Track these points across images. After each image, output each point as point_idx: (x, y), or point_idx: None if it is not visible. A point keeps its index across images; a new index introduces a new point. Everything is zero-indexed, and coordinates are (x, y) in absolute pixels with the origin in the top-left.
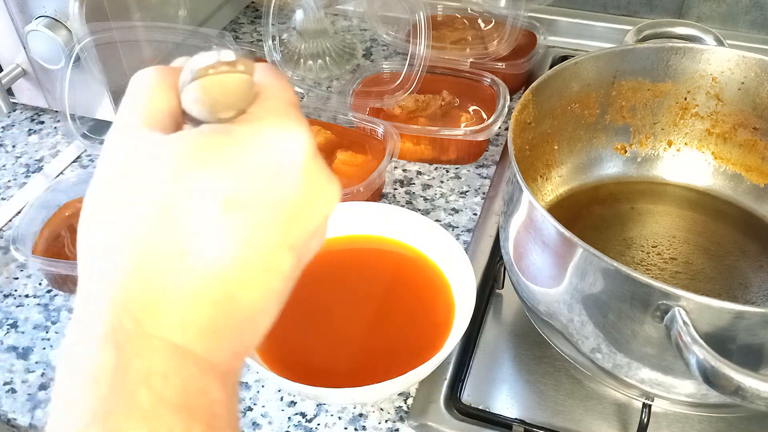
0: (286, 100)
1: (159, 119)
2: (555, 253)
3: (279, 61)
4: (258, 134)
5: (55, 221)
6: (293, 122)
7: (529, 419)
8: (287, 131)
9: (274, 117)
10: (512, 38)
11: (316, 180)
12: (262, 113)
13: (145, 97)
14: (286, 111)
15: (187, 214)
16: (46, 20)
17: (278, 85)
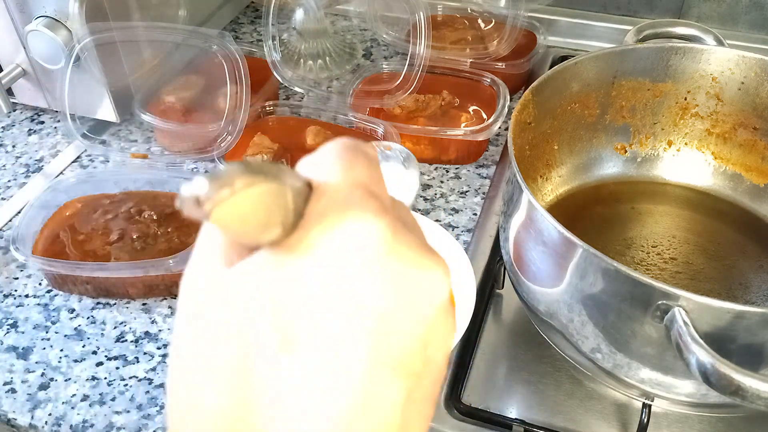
0: (347, 184)
1: (227, 253)
2: (555, 253)
3: (279, 61)
4: (312, 245)
5: (55, 221)
6: (355, 212)
7: (529, 419)
8: (347, 228)
9: (330, 217)
10: (512, 38)
11: (404, 269)
12: (315, 216)
13: (214, 236)
14: (346, 201)
15: (254, 374)
16: (46, 20)
17: (336, 167)
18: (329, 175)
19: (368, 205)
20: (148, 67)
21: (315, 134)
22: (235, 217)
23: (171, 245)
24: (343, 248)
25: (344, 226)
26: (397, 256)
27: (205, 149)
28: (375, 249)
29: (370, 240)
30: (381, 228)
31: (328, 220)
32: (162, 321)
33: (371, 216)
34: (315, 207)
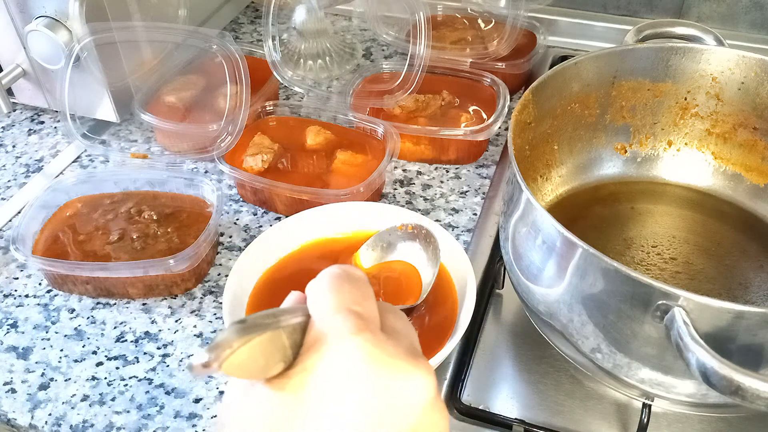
0: (331, 311)
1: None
2: (555, 253)
3: (279, 61)
4: (303, 380)
5: (55, 221)
6: (335, 337)
7: (529, 419)
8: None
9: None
10: (512, 38)
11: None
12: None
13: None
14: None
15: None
16: (46, 20)
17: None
18: (318, 305)
19: (347, 325)
20: (148, 67)
21: (315, 134)
22: (238, 368)
23: (171, 245)
24: (329, 373)
25: (328, 352)
26: (377, 367)
27: (205, 149)
28: (355, 365)
29: (350, 358)
30: (359, 344)
31: (316, 350)
32: (162, 321)
33: (349, 335)
34: (307, 339)
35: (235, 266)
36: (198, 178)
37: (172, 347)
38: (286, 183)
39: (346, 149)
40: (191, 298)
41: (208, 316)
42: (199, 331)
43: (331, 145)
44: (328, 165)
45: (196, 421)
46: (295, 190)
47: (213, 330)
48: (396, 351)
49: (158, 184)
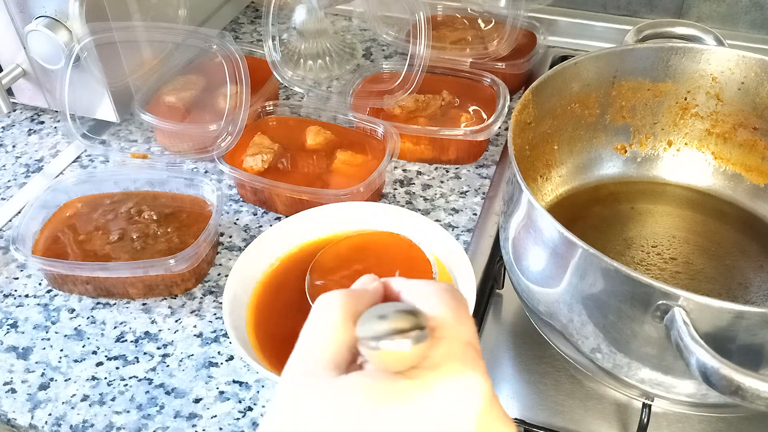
0: (462, 339)
1: (338, 357)
2: (555, 253)
3: (279, 61)
4: (429, 386)
5: (55, 221)
6: (469, 369)
7: (529, 419)
8: (462, 381)
9: (448, 364)
10: (512, 38)
11: (493, 427)
12: (435, 360)
13: (328, 336)
14: (462, 354)
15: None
16: (46, 20)
17: (455, 319)
18: (449, 324)
19: (480, 366)
20: (148, 67)
21: (315, 134)
22: (398, 361)
23: (171, 245)
24: (454, 399)
25: (461, 380)
26: (492, 419)
27: (205, 149)
28: (480, 408)
29: (478, 399)
30: (487, 390)
31: (448, 371)
32: (162, 321)
33: (482, 378)
34: (434, 351)
35: (235, 266)
36: (198, 178)
37: (172, 347)
38: (286, 183)
39: (346, 149)
40: (191, 298)
41: (208, 316)
42: (199, 331)
43: (331, 145)
44: (328, 165)
45: (196, 421)
46: (295, 190)
47: (213, 330)
48: (501, 405)
49: (158, 184)
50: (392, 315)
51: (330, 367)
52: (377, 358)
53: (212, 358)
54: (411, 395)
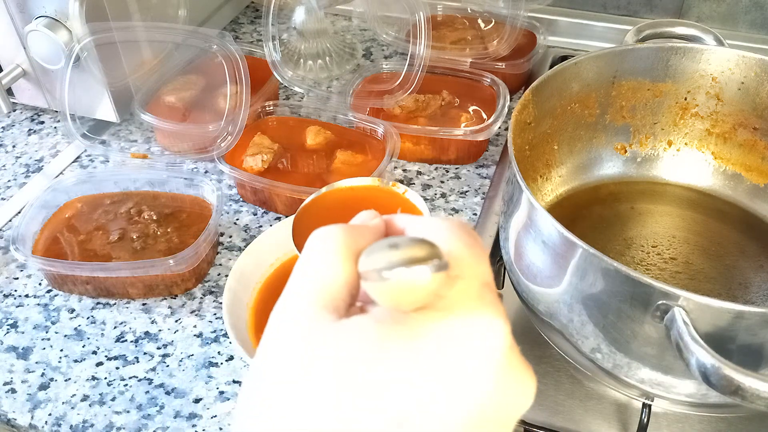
0: (479, 278)
1: (336, 298)
2: (555, 253)
3: (279, 61)
4: (444, 328)
5: (55, 221)
6: (487, 309)
7: (529, 419)
8: (480, 322)
9: (465, 304)
10: (512, 38)
11: (511, 377)
12: (451, 300)
13: (325, 273)
14: (480, 295)
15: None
16: (46, 20)
17: (471, 257)
18: (466, 263)
19: (499, 308)
20: (148, 67)
21: (315, 134)
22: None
23: (171, 245)
24: (473, 339)
25: (478, 322)
26: (511, 366)
27: (205, 149)
28: (499, 353)
29: (497, 343)
30: (506, 334)
31: (464, 310)
32: (162, 321)
33: (502, 321)
34: (449, 291)
35: (235, 266)
36: (198, 178)
37: (172, 347)
38: (286, 183)
39: (346, 149)
40: (191, 298)
41: (208, 316)
42: (199, 331)
43: (331, 145)
44: (328, 165)
45: (196, 421)
46: (295, 190)
47: (213, 330)
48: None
49: (158, 184)
50: (406, 243)
51: (328, 309)
52: (387, 293)
53: (212, 358)
54: (424, 334)
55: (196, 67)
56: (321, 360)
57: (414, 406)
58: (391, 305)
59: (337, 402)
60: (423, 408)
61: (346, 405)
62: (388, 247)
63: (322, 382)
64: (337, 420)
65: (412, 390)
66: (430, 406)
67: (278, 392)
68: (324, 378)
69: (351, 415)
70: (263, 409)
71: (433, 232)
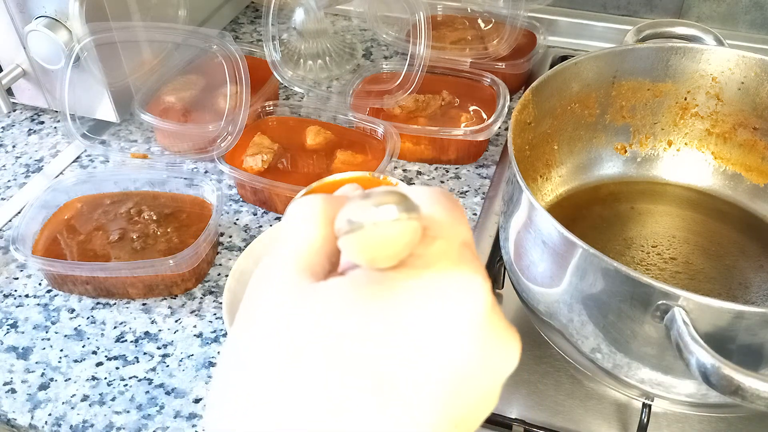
0: (458, 238)
1: (314, 262)
2: (555, 253)
3: (279, 61)
4: (422, 286)
5: (55, 221)
6: (466, 268)
7: (529, 419)
8: (459, 280)
9: (443, 262)
10: (512, 38)
11: (493, 336)
12: (429, 258)
13: (303, 238)
14: (459, 254)
15: (331, 391)
16: (46, 20)
17: (450, 219)
18: (444, 223)
19: (478, 267)
20: (148, 67)
21: (315, 134)
22: (379, 245)
23: (171, 245)
24: (452, 297)
25: (457, 279)
26: (492, 325)
27: (205, 149)
28: (479, 312)
29: (478, 301)
30: (487, 292)
31: (442, 268)
32: (162, 321)
33: (481, 278)
34: (433, 246)
35: (235, 266)
36: (198, 178)
37: (172, 347)
38: (286, 183)
39: (346, 149)
40: (191, 298)
41: (208, 316)
42: (199, 331)
43: (331, 145)
44: (328, 165)
45: (196, 421)
46: (295, 190)
47: (213, 330)
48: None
49: (158, 184)
50: (377, 193)
51: (305, 273)
52: (358, 243)
53: (212, 358)
54: (400, 291)
55: (196, 67)
56: (296, 322)
57: (392, 365)
58: (366, 259)
59: (314, 363)
60: (401, 366)
61: (323, 365)
62: (359, 198)
63: (297, 344)
64: (316, 380)
65: (390, 348)
66: (409, 364)
67: (254, 357)
68: (300, 340)
69: (329, 375)
70: (240, 374)
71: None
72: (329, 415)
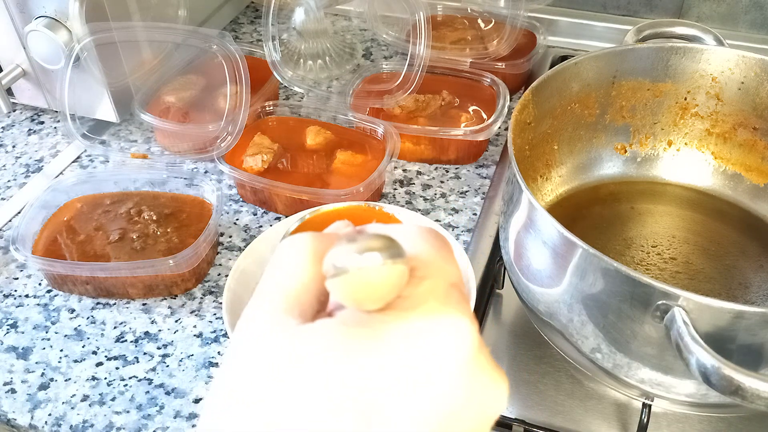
0: (446, 279)
1: (303, 302)
2: (555, 253)
3: (279, 61)
4: (408, 327)
5: (55, 221)
6: (453, 310)
7: (529, 419)
8: (445, 322)
9: (430, 304)
10: (512, 38)
11: (479, 377)
12: (416, 299)
13: (292, 278)
14: (446, 295)
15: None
16: (46, 20)
17: (439, 259)
18: (432, 263)
19: (466, 309)
20: (148, 67)
21: (315, 134)
22: (365, 288)
23: (171, 245)
24: (438, 339)
25: (444, 321)
26: (479, 367)
27: (205, 149)
28: (465, 354)
29: (464, 344)
30: (473, 335)
31: (429, 310)
32: (162, 321)
33: (468, 321)
34: (414, 290)
35: (235, 266)
36: (198, 178)
37: (172, 347)
38: (286, 183)
39: (346, 149)
40: (191, 298)
41: (208, 316)
42: (199, 331)
43: (331, 145)
44: (328, 165)
45: (196, 421)
46: (295, 190)
47: (213, 330)
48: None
49: (158, 184)
50: (363, 237)
51: (293, 313)
52: (344, 286)
53: (212, 358)
54: (387, 332)
55: (196, 67)
56: (283, 362)
57: (380, 407)
58: (352, 302)
59: (301, 404)
60: (388, 404)
61: (310, 407)
62: (346, 242)
63: (284, 385)
64: (302, 421)
65: (377, 387)
66: (396, 403)
67: (240, 398)
68: (286, 380)
69: (316, 417)
70: (228, 409)
71: (401, 235)
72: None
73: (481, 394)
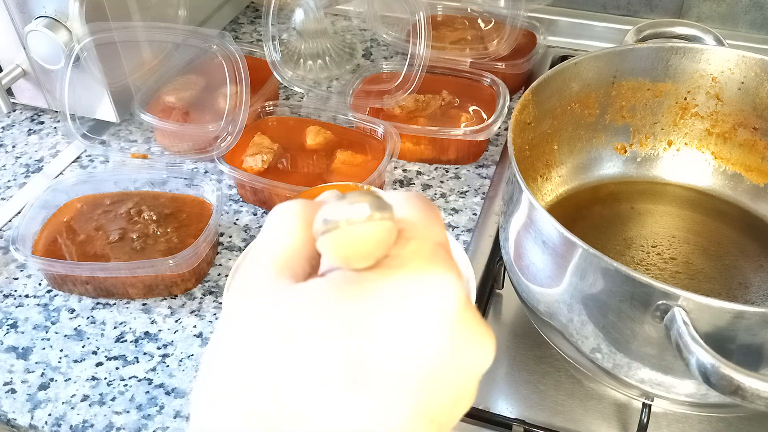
0: (432, 239)
1: (294, 265)
2: (555, 253)
3: (279, 61)
4: (396, 284)
5: (55, 221)
6: (440, 267)
7: (529, 419)
8: (432, 279)
9: (417, 262)
10: (512, 38)
11: (467, 335)
12: (403, 258)
13: (282, 241)
14: (433, 254)
15: (305, 384)
16: (46, 20)
17: (424, 221)
18: (419, 224)
19: (453, 266)
20: (148, 67)
21: (315, 134)
22: (353, 244)
23: (171, 245)
24: (426, 296)
25: (431, 278)
26: (466, 323)
27: (205, 149)
28: (452, 310)
29: (450, 300)
30: (460, 291)
31: (416, 267)
32: (162, 321)
33: (455, 278)
34: (407, 246)
35: (235, 266)
36: (198, 178)
37: (172, 347)
38: (286, 183)
39: (346, 149)
40: (191, 298)
41: (208, 316)
42: (198, 331)
43: (331, 145)
44: (328, 165)
45: None
46: (295, 190)
47: (213, 330)
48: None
49: (158, 184)
50: (351, 194)
51: (284, 275)
52: (333, 242)
53: None
54: (375, 290)
55: (196, 67)
56: (273, 319)
57: (366, 359)
58: (341, 259)
59: (289, 356)
60: (375, 360)
61: (298, 358)
62: (335, 199)
63: (274, 339)
64: (291, 371)
65: (364, 343)
66: (382, 359)
67: (233, 351)
68: (276, 335)
69: (303, 366)
70: (220, 365)
71: (388, 198)
72: (304, 402)
73: (468, 348)
